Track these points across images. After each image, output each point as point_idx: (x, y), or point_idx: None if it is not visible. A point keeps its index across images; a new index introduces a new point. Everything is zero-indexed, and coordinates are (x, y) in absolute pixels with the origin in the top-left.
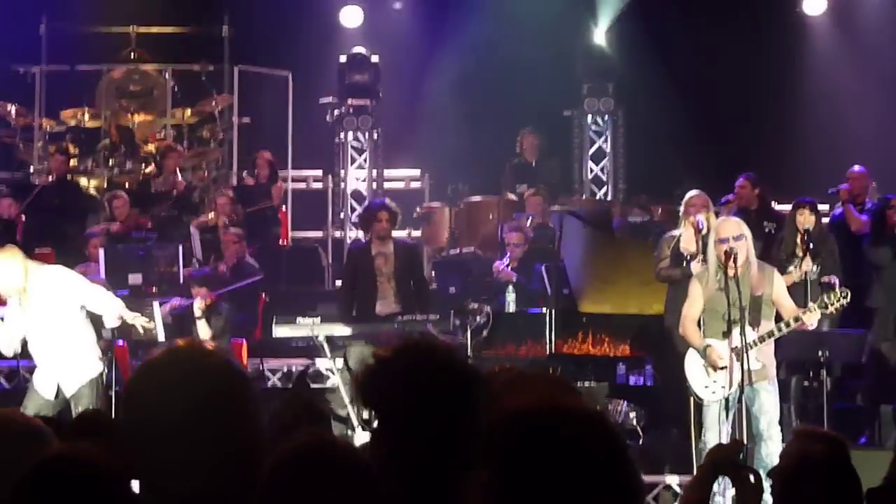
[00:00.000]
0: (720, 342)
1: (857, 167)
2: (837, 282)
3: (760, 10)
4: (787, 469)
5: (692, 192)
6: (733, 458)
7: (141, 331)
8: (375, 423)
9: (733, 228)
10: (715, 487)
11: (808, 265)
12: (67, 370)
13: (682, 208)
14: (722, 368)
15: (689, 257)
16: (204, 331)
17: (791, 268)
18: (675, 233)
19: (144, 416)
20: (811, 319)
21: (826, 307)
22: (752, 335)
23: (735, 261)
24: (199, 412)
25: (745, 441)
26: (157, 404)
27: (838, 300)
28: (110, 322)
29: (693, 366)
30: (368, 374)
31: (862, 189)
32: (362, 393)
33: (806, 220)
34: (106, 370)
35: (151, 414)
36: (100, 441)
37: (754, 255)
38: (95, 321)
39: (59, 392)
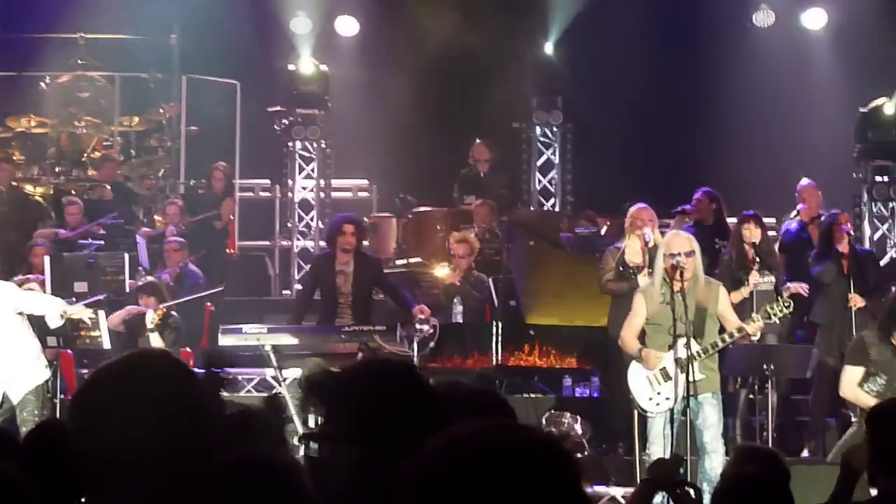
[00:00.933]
0: (661, 353)
1: (805, 180)
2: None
3: (711, 23)
4: (724, 489)
5: (638, 205)
6: (672, 474)
7: (88, 322)
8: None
9: (684, 244)
10: (658, 500)
11: (757, 278)
12: (13, 377)
13: (627, 221)
14: (658, 370)
15: (634, 270)
16: (157, 342)
17: (746, 280)
18: (621, 245)
19: (99, 423)
20: (753, 329)
21: (769, 317)
22: (696, 347)
23: (682, 275)
24: (155, 417)
25: (690, 454)
26: (112, 410)
27: (781, 310)
28: (54, 321)
29: (637, 378)
30: (328, 378)
31: (814, 203)
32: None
33: (752, 233)
34: (51, 378)
35: (106, 420)
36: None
37: (702, 270)
38: (41, 327)
39: (4, 399)
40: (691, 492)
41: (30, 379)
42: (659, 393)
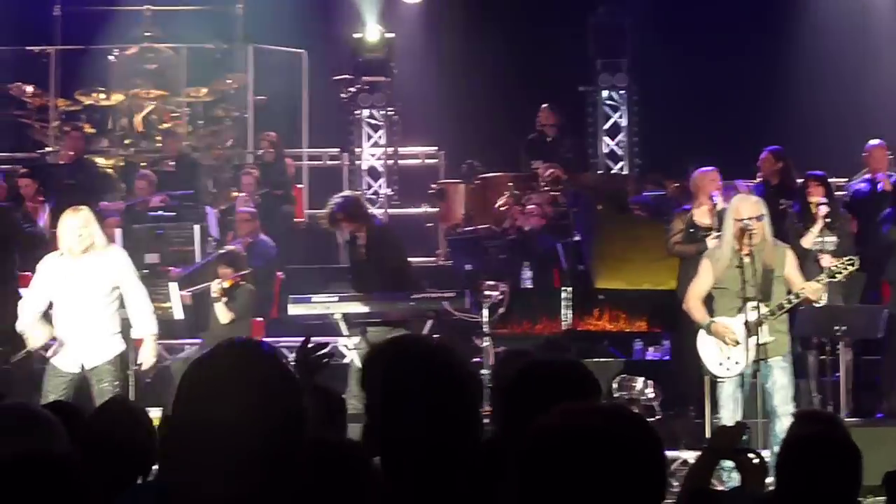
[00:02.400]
0: (730, 320)
1: (874, 141)
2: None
3: None
4: (786, 453)
5: (706, 168)
6: (734, 442)
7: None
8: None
9: (753, 209)
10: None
11: (813, 238)
12: (91, 347)
13: (695, 183)
14: (733, 342)
15: (703, 232)
16: (222, 313)
17: (807, 235)
18: (689, 207)
19: (197, 416)
20: (815, 289)
21: (833, 276)
22: (763, 310)
23: (750, 238)
24: (253, 412)
25: (760, 417)
26: (210, 404)
27: (845, 267)
28: (136, 331)
29: (706, 343)
30: (365, 362)
31: (882, 162)
32: (361, 380)
33: (815, 194)
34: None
35: (204, 413)
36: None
37: (770, 233)
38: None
39: (82, 367)
40: (754, 458)
41: (106, 351)
42: (729, 357)
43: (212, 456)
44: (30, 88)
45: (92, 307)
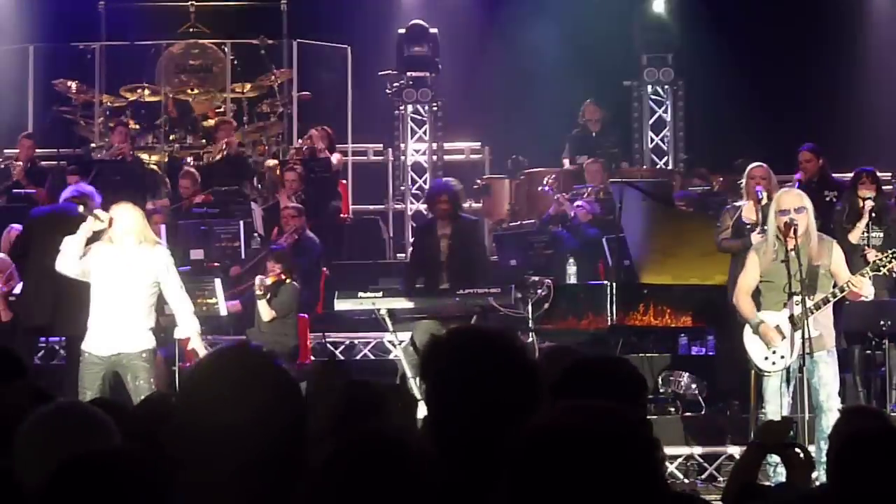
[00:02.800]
0: (776, 314)
1: None
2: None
3: None
4: (840, 448)
5: (754, 164)
6: (781, 437)
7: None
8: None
9: (795, 200)
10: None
11: (860, 233)
12: (126, 332)
13: (744, 179)
14: (777, 345)
15: (750, 227)
16: (265, 311)
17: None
18: (738, 203)
19: (196, 422)
20: (862, 284)
21: (878, 269)
22: (808, 304)
23: (795, 232)
24: (252, 418)
25: (806, 412)
26: (209, 411)
27: (889, 260)
28: (179, 332)
29: (752, 338)
30: (426, 352)
31: None
32: (422, 371)
33: (868, 188)
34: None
35: (203, 420)
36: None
37: (815, 226)
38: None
39: (120, 361)
40: (801, 453)
41: (138, 341)
42: (774, 352)
43: (211, 459)
44: (74, 84)
45: (129, 297)
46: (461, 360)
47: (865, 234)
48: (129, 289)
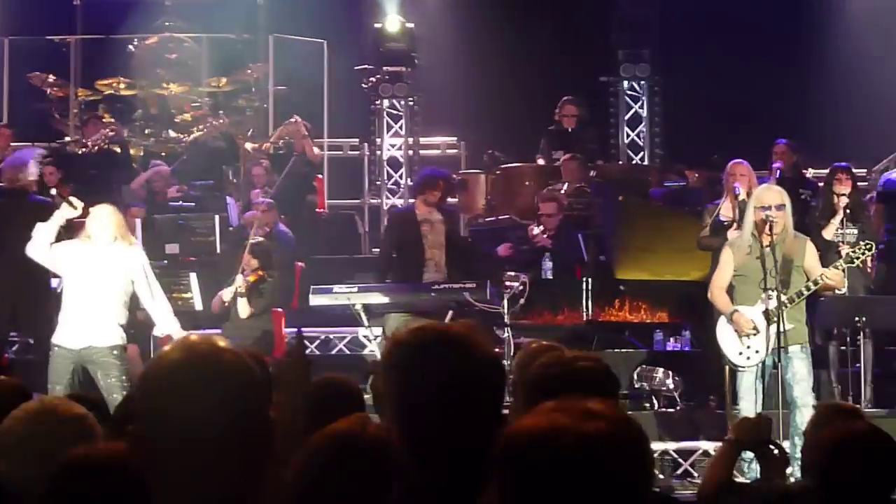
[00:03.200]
0: (750, 308)
1: None
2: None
3: None
4: (828, 447)
5: (735, 160)
6: (756, 434)
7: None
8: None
9: (775, 197)
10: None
11: (834, 230)
12: (96, 326)
13: (724, 176)
14: (751, 334)
15: (727, 224)
16: (244, 309)
17: (829, 227)
18: (717, 201)
19: (160, 418)
20: (835, 276)
21: (852, 261)
22: (782, 298)
23: (771, 229)
24: (218, 415)
25: (780, 408)
26: (173, 406)
27: (863, 253)
28: (159, 329)
29: (726, 333)
30: (386, 351)
31: None
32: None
33: (843, 185)
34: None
35: (166, 416)
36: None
37: (791, 224)
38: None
39: (90, 357)
40: (776, 450)
41: (108, 336)
42: (748, 347)
43: (179, 455)
44: (50, 78)
45: (101, 293)
46: (421, 360)
47: (840, 231)
48: (101, 284)
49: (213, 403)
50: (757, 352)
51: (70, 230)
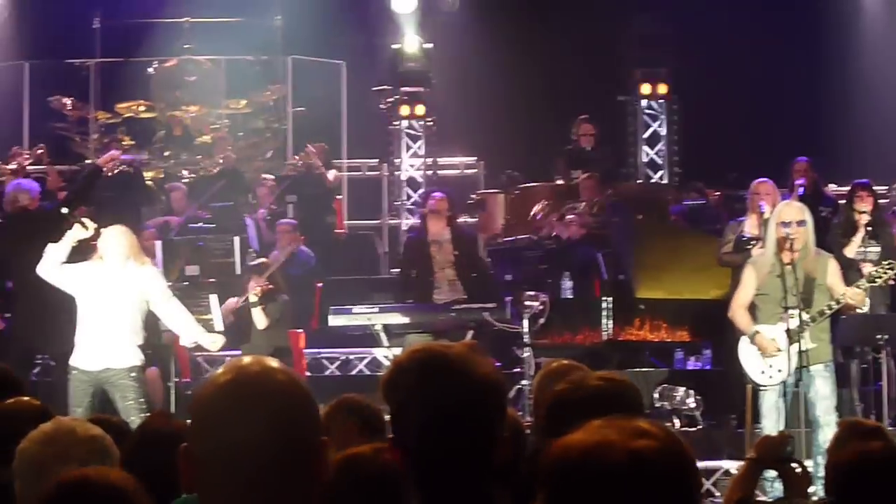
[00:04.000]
0: (771, 327)
1: None
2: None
3: None
4: (848, 467)
5: (759, 179)
6: (778, 452)
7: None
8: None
9: (796, 213)
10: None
11: (857, 247)
12: (113, 347)
13: (748, 195)
14: (774, 355)
15: (752, 242)
16: (260, 319)
17: (850, 245)
18: (741, 218)
19: (210, 439)
20: (856, 297)
21: (874, 280)
22: (804, 317)
23: (792, 247)
24: (269, 437)
25: (803, 426)
26: (223, 428)
27: (886, 272)
28: (185, 340)
29: (748, 352)
30: (386, 374)
31: None
32: (383, 393)
33: (864, 202)
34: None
35: (217, 438)
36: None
37: (813, 241)
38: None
39: (108, 379)
40: (798, 468)
41: (125, 357)
42: (771, 366)
43: (230, 477)
44: (69, 101)
45: (116, 314)
46: (418, 382)
47: (862, 248)
48: (116, 305)
49: (264, 425)
50: (780, 371)
51: (82, 251)
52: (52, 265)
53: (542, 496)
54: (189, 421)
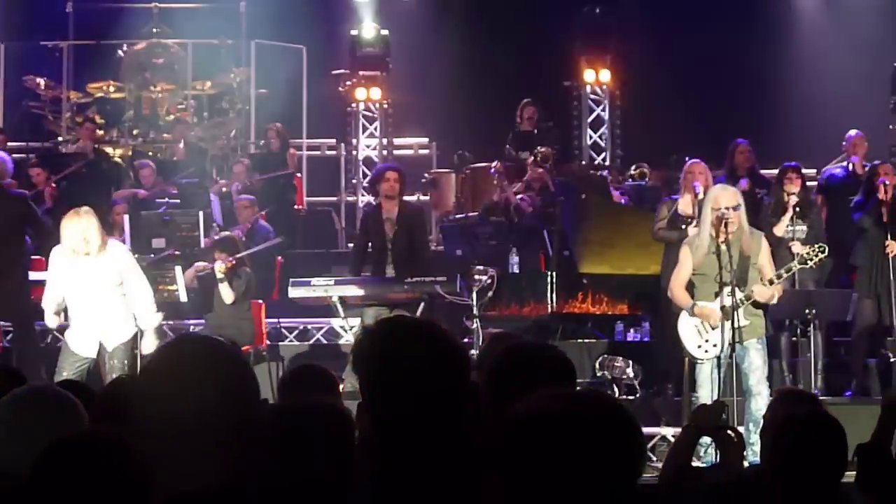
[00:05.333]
0: (710, 304)
1: (854, 131)
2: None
3: None
4: (776, 430)
5: (692, 160)
6: (714, 419)
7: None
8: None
9: (730, 199)
10: (706, 440)
11: (785, 227)
12: (108, 330)
13: (682, 175)
14: (716, 324)
15: (685, 221)
16: (226, 293)
17: (779, 224)
18: (675, 196)
19: (159, 409)
20: (764, 294)
21: (805, 262)
22: (739, 295)
23: (727, 227)
24: (213, 405)
25: (735, 395)
26: (171, 397)
27: (816, 255)
28: (142, 322)
29: (686, 327)
30: (357, 342)
31: (860, 151)
32: (354, 359)
33: (793, 184)
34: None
35: (166, 406)
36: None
37: (746, 221)
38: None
39: (100, 350)
40: (733, 435)
41: (120, 334)
42: (707, 340)
43: (174, 441)
44: (42, 81)
45: (102, 300)
46: (391, 349)
47: (791, 228)
48: (98, 295)
49: (204, 387)
50: (715, 345)
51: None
52: (52, 315)
53: (498, 467)
54: (139, 389)
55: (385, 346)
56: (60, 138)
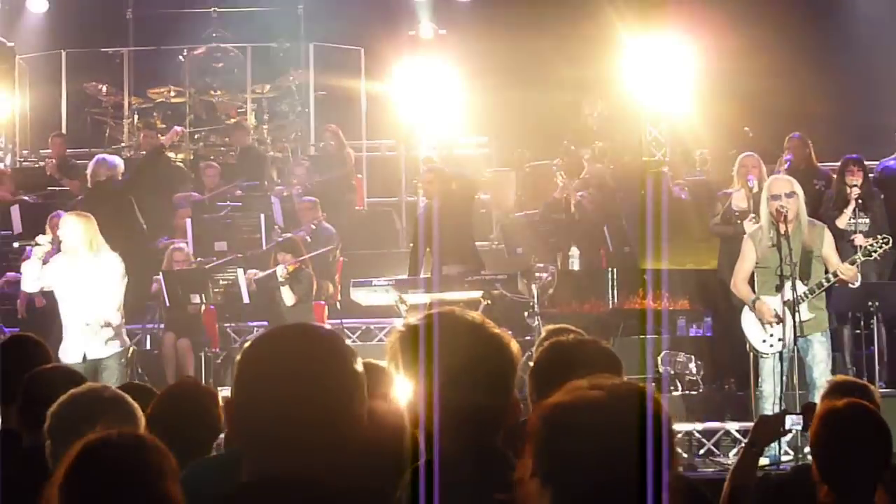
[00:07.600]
0: (772, 297)
1: None
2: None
3: None
4: (817, 422)
5: (745, 153)
6: (774, 434)
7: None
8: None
9: (785, 185)
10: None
11: (847, 220)
12: (94, 338)
13: (735, 168)
14: (773, 322)
15: (739, 215)
16: (288, 296)
17: (842, 217)
18: (729, 191)
19: (257, 395)
20: (849, 274)
21: (869, 254)
22: (802, 289)
23: (786, 218)
24: (314, 394)
25: (798, 389)
26: (271, 383)
27: (880, 246)
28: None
29: (750, 321)
30: (396, 339)
31: None
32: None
33: (854, 176)
34: (133, 347)
35: (264, 392)
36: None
37: (805, 212)
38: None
39: (84, 357)
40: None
41: (109, 346)
42: (772, 335)
43: (279, 431)
44: (104, 87)
45: (91, 304)
46: (447, 339)
47: (853, 220)
48: (91, 297)
49: (310, 383)
50: (779, 339)
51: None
52: (31, 282)
53: (527, 451)
54: (235, 375)
55: (443, 337)
56: (122, 143)
